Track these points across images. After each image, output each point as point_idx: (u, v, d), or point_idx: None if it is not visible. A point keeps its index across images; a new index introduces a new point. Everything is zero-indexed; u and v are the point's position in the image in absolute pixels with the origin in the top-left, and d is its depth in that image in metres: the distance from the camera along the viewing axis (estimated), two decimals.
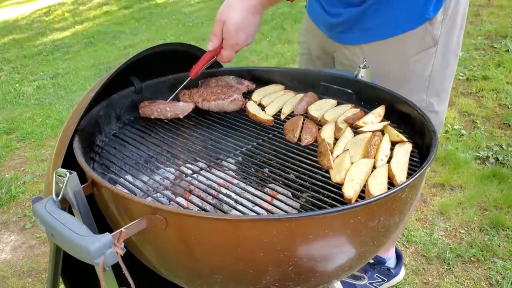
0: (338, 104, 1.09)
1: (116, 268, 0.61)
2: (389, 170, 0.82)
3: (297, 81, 1.17)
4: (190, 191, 0.84)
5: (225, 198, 0.80)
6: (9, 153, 2.46)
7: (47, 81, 3.62)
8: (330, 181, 0.81)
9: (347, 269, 0.73)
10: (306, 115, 1.07)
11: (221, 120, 1.09)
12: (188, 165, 0.93)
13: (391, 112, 1.00)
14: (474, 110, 2.42)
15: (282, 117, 1.07)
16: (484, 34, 3.34)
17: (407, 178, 0.79)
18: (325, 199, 0.75)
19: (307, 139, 0.96)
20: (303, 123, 1.02)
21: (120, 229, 0.61)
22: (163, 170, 0.93)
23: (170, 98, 1.09)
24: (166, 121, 1.09)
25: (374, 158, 0.87)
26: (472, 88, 2.64)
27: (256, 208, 0.77)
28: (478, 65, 2.88)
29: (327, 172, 0.84)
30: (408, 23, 1.06)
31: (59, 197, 0.68)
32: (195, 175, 0.88)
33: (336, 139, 0.96)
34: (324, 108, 1.07)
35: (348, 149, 0.89)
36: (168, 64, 1.12)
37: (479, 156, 2.06)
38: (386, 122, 0.97)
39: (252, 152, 0.96)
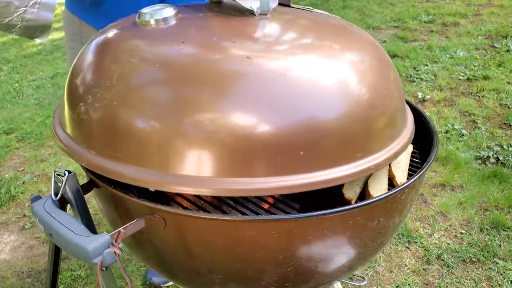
0: None
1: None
2: (390, 171, 0.81)
3: None
4: None
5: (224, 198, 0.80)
6: (8, 153, 2.46)
7: (47, 81, 3.62)
8: None
9: (346, 270, 0.73)
10: None
11: None
12: None
13: None
14: (475, 110, 2.41)
15: None
16: (484, 34, 3.34)
17: (408, 179, 0.79)
18: (324, 200, 0.75)
19: None
20: None
21: (118, 229, 0.61)
22: None
23: None
24: None
25: None
26: (472, 88, 2.63)
27: (256, 208, 0.76)
28: (478, 65, 2.87)
29: None
30: None
31: (58, 196, 0.68)
32: None
33: None
34: None
35: None
36: None
37: (479, 156, 2.06)
38: None
39: None
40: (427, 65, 2.94)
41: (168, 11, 0.73)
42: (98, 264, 0.57)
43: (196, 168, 0.60)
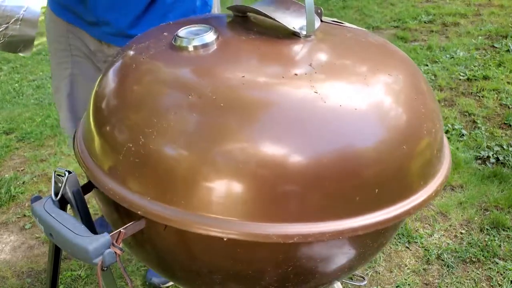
0: None
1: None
2: None
3: None
4: None
5: None
6: (8, 153, 2.46)
7: (47, 81, 3.61)
8: None
9: (347, 270, 0.73)
10: None
11: None
12: None
13: None
14: (475, 110, 2.41)
15: None
16: (484, 34, 3.34)
17: None
18: None
19: None
20: None
21: (118, 229, 0.61)
22: None
23: None
24: None
25: None
26: (472, 88, 2.63)
27: None
28: (478, 65, 2.87)
29: None
30: None
31: (58, 197, 0.68)
32: None
33: None
34: None
35: None
36: None
37: (479, 156, 2.06)
38: None
39: None
40: (427, 65, 2.94)
41: (210, 36, 0.68)
42: (99, 264, 0.57)
43: (225, 210, 0.58)
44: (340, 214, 0.59)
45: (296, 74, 0.62)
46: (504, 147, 2.10)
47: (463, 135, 2.22)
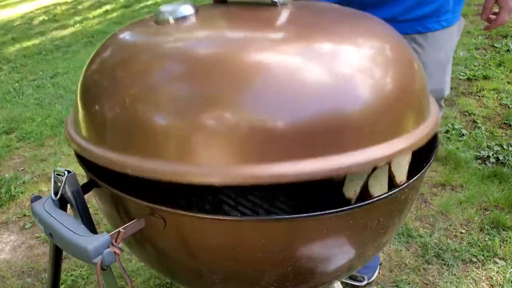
0: None
1: None
2: (390, 170, 0.81)
3: None
4: None
5: (224, 198, 0.80)
6: (8, 153, 2.46)
7: (47, 80, 3.62)
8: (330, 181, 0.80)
9: (346, 269, 0.73)
10: None
11: None
12: None
13: None
14: (475, 110, 2.41)
15: None
16: (484, 34, 3.34)
17: (408, 178, 0.79)
18: (324, 199, 0.75)
19: None
20: None
21: (118, 229, 0.61)
22: None
23: None
24: None
25: None
26: (472, 87, 2.63)
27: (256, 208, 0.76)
28: (478, 65, 2.87)
29: None
30: None
31: (58, 196, 0.68)
32: None
33: None
34: None
35: None
36: None
37: (479, 155, 2.06)
38: None
39: None
40: None
41: (188, 9, 0.72)
42: (98, 264, 0.57)
43: (220, 157, 0.58)
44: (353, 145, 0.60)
45: (283, 34, 0.65)
46: (504, 147, 2.10)
47: (463, 135, 2.22)
